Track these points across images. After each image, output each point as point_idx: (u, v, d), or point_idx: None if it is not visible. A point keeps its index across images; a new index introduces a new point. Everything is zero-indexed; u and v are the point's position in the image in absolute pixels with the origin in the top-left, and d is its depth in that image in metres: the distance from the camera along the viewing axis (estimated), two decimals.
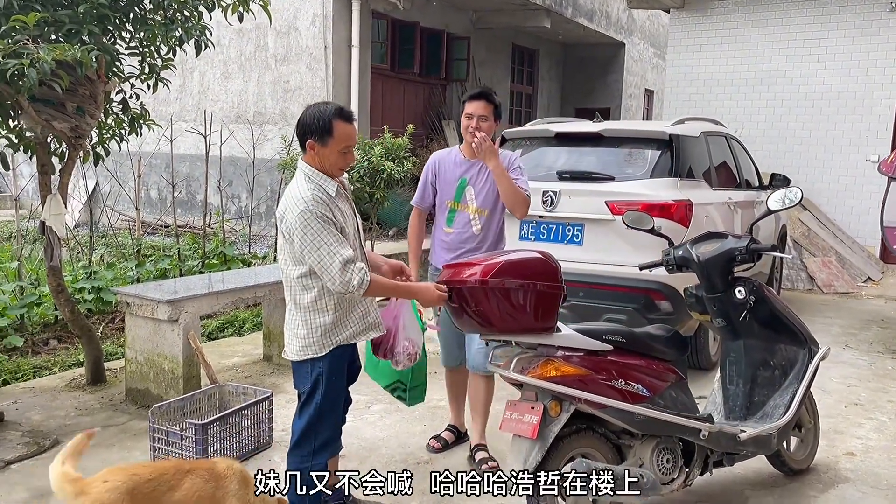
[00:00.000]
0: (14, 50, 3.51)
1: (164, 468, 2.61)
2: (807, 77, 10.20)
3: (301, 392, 2.89)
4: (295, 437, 2.88)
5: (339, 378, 2.87)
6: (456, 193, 3.76)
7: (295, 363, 2.87)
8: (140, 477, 2.48)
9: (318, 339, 2.80)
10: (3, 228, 10.21)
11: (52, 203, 4.45)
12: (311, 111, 2.76)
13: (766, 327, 3.43)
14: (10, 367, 5.17)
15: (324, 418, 2.84)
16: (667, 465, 3.03)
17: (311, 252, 2.65)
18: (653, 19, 18.55)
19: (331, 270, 2.64)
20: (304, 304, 2.79)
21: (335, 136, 2.73)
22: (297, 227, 2.65)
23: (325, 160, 2.76)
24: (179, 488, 2.52)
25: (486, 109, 3.66)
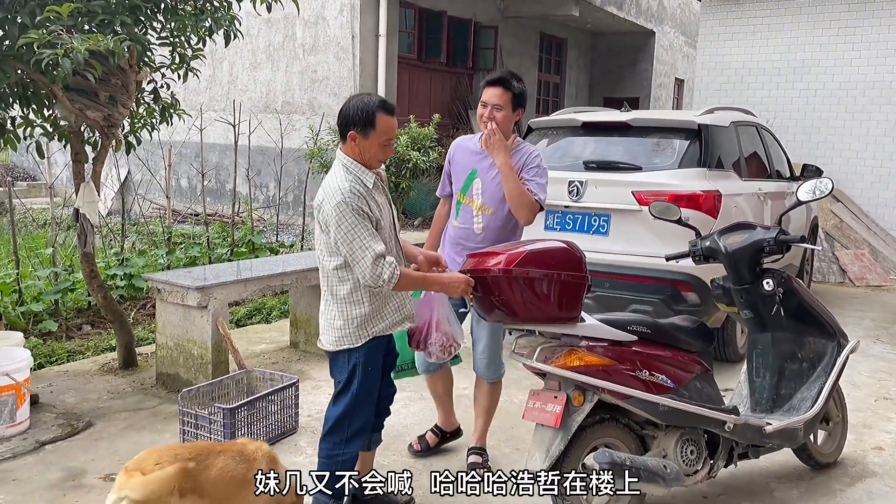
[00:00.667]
0: (48, 40, 3.58)
1: (199, 448, 2.67)
2: (841, 66, 9.99)
3: (337, 381, 2.90)
4: (328, 425, 2.89)
5: (375, 369, 2.88)
6: (464, 184, 3.52)
7: (331, 353, 2.88)
8: (182, 455, 2.55)
9: (355, 331, 2.80)
10: (38, 216, 10.42)
11: (85, 191, 4.54)
12: (354, 102, 2.76)
13: (795, 319, 3.39)
14: (45, 352, 5.29)
15: (358, 408, 2.85)
16: (691, 457, 3.02)
17: (345, 244, 2.67)
18: (684, 7, 18.28)
19: (363, 264, 2.65)
20: (341, 296, 2.80)
21: (377, 129, 2.73)
22: (333, 219, 2.67)
23: (365, 152, 2.77)
24: (213, 467, 2.57)
25: (501, 97, 3.35)
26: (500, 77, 3.39)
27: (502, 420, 4.28)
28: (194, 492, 2.47)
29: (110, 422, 4.13)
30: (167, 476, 2.40)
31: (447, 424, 3.88)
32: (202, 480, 2.54)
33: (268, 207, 11.15)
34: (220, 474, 2.58)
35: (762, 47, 10.52)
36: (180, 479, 2.43)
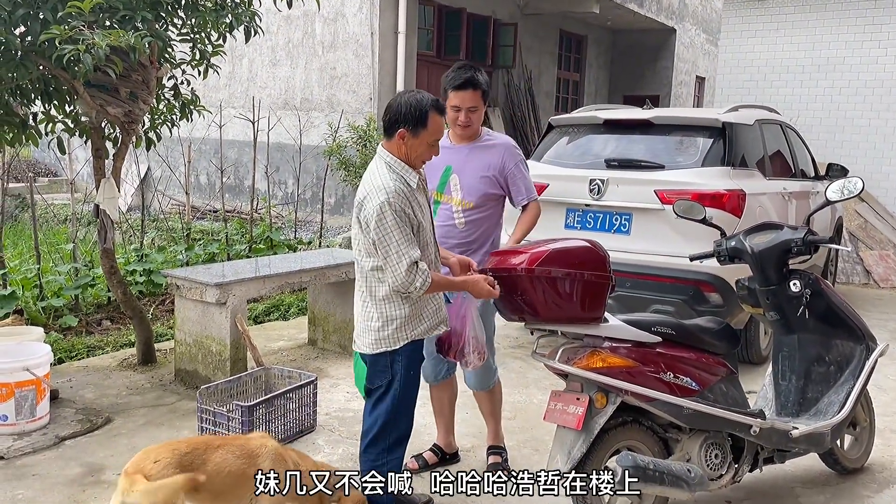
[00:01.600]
0: (70, 36, 3.58)
1: (197, 443, 2.64)
2: (867, 64, 9.83)
3: (376, 387, 2.81)
4: (370, 435, 2.80)
5: (417, 371, 2.82)
6: (440, 182, 3.35)
7: (370, 357, 2.79)
8: (180, 450, 2.54)
9: (393, 333, 2.73)
10: (58, 211, 10.51)
11: (105, 187, 4.55)
12: (407, 99, 2.69)
13: (822, 322, 3.32)
14: (65, 346, 5.32)
15: (399, 414, 2.79)
16: (715, 461, 2.97)
17: (381, 246, 2.61)
18: (705, 4, 18.09)
19: (397, 269, 2.60)
20: (380, 297, 2.73)
21: (429, 128, 2.68)
22: (374, 218, 2.59)
23: (412, 151, 2.70)
24: (210, 462, 2.54)
25: (474, 99, 3.23)
26: (470, 78, 3.22)
27: (521, 421, 4.24)
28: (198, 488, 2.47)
29: (129, 418, 4.14)
30: (175, 485, 2.36)
31: (448, 445, 3.73)
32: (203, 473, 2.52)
33: (286, 204, 11.17)
34: (217, 468, 2.55)
35: (786, 45, 10.38)
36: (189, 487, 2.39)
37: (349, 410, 4.32)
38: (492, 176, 3.32)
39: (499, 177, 3.34)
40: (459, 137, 3.37)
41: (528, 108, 13.61)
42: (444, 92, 3.26)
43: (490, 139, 3.40)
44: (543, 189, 5.33)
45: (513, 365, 5.21)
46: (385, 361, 2.77)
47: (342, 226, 10.20)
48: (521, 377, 4.97)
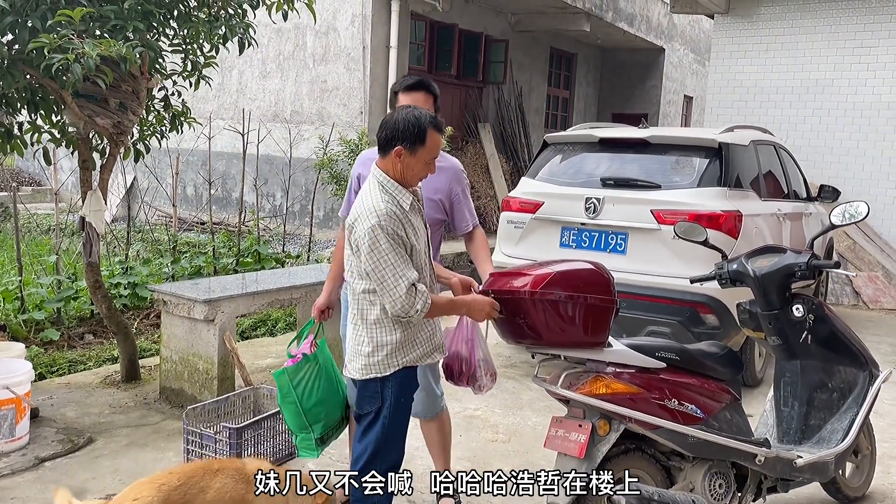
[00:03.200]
0: (59, 45, 3.49)
1: (192, 471, 2.55)
2: (855, 86, 9.90)
3: (365, 413, 2.71)
4: (360, 463, 2.69)
5: (408, 399, 2.72)
6: None
7: (359, 382, 2.70)
8: (169, 485, 2.42)
9: (384, 359, 2.63)
10: (41, 221, 10.33)
11: (92, 199, 4.44)
12: (404, 115, 2.58)
13: (825, 347, 3.27)
14: (46, 361, 5.18)
15: (390, 443, 2.68)
16: (719, 491, 2.89)
17: (375, 271, 2.49)
18: (693, 24, 18.26)
19: (394, 293, 2.48)
20: (371, 320, 2.63)
21: (427, 146, 2.58)
22: (365, 242, 2.49)
23: (407, 169, 2.59)
24: (210, 489, 2.47)
25: (426, 101, 3.06)
26: (421, 80, 3.08)
27: (517, 444, 4.16)
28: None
29: (112, 438, 4.00)
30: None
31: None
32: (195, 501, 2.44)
33: (274, 217, 11.06)
34: (218, 495, 2.48)
35: (775, 66, 10.43)
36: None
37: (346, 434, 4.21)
38: (438, 200, 3.18)
39: (444, 201, 3.21)
40: None
41: (518, 124, 13.61)
42: (393, 96, 3.11)
43: (439, 161, 3.13)
44: (538, 206, 5.29)
45: (506, 385, 5.12)
46: (375, 387, 2.66)
47: (331, 239, 10.10)
48: (515, 398, 4.89)
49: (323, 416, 3.32)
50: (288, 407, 3.22)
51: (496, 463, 3.89)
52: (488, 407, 4.68)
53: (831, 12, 9.98)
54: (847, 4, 9.85)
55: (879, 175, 9.81)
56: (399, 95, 3.10)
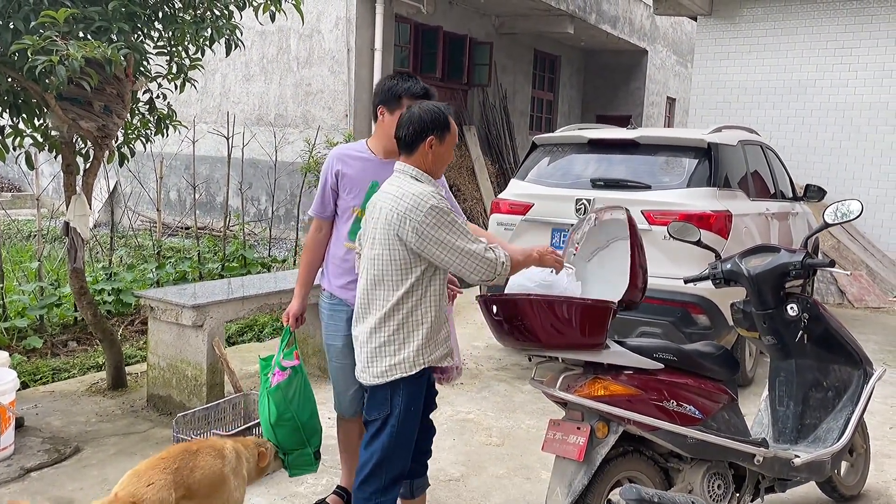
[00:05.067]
0: (43, 46, 3.41)
1: (178, 453, 2.61)
2: (837, 87, 10.00)
3: (373, 419, 2.67)
4: (364, 472, 2.65)
5: (417, 407, 2.67)
6: (365, 199, 2.97)
7: (370, 388, 2.66)
8: (170, 468, 2.50)
9: (410, 357, 2.58)
10: (22, 227, 10.17)
11: (76, 204, 4.36)
12: (424, 108, 2.63)
13: (820, 346, 3.27)
14: (30, 369, 5.08)
15: (397, 451, 2.64)
16: (718, 492, 2.88)
17: (449, 244, 2.48)
18: (676, 27, 18.37)
19: (475, 258, 2.49)
20: (399, 318, 2.58)
21: (451, 132, 2.67)
22: (430, 222, 2.47)
23: (437, 158, 2.65)
24: (197, 468, 2.57)
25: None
26: (428, 90, 3.00)
27: (510, 447, 4.13)
28: (186, 497, 2.51)
29: (99, 447, 3.93)
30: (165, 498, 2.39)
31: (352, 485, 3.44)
32: (191, 483, 2.54)
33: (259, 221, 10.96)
34: (204, 473, 2.59)
35: (758, 67, 10.52)
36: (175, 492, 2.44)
37: (331, 438, 4.13)
38: None
39: None
40: (388, 151, 3.00)
41: (503, 126, 13.61)
42: (394, 99, 2.95)
43: None
44: (528, 208, 5.28)
45: (498, 388, 5.10)
46: (385, 394, 2.62)
47: None
48: (507, 401, 4.86)
49: (318, 428, 3.28)
50: (284, 425, 3.14)
51: (490, 466, 3.86)
52: (481, 410, 4.65)
53: (813, 14, 10.08)
54: (828, 6, 9.95)
55: (862, 174, 9.91)
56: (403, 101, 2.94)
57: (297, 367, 3.19)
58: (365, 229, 2.73)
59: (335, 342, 3.16)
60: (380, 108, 3.00)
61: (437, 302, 2.62)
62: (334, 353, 3.18)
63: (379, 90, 3.02)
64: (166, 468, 2.48)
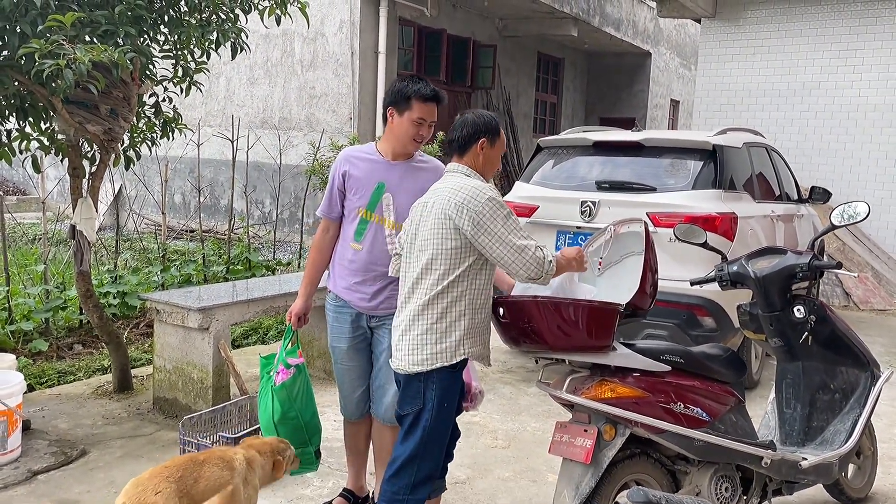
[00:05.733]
0: (50, 50, 3.43)
1: (184, 463, 2.60)
2: (842, 88, 9.99)
3: (405, 414, 2.69)
4: (394, 466, 2.68)
5: (451, 404, 2.69)
6: (370, 201, 3.02)
7: (403, 379, 2.69)
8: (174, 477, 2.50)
9: (451, 346, 2.61)
10: (27, 231, 10.20)
11: (82, 207, 4.37)
12: (479, 113, 2.79)
13: (827, 348, 3.26)
14: (35, 372, 5.09)
15: (429, 447, 2.66)
16: (725, 494, 2.87)
17: (503, 236, 2.54)
18: (679, 29, 18.37)
19: (526, 253, 2.53)
20: (443, 306, 2.61)
21: (500, 138, 2.81)
22: (486, 213, 2.55)
23: (487, 161, 2.76)
24: (202, 479, 2.56)
25: (436, 113, 3.02)
26: (438, 92, 3.00)
27: (516, 450, 4.12)
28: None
29: (105, 449, 3.93)
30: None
31: (359, 489, 3.40)
32: (194, 494, 2.52)
33: (263, 224, 10.98)
34: (209, 484, 2.57)
35: (762, 69, 10.51)
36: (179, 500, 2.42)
37: (337, 440, 4.15)
38: None
39: None
40: (397, 154, 3.04)
41: (506, 129, 13.63)
42: (403, 100, 2.94)
43: (423, 160, 3.13)
44: (534, 210, 5.28)
45: (503, 391, 5.09)
46: (418, 386, 2.64)
47: None
48: (512, 403, 4.86)
49: (319, 427, 3.29)
50: (287, 423, 3.15)
51: (496, 469, 3.86)
52: (486, 413, 4.65)
53: (817, 16, 10.07)
54: (832, 8, 9.94)
55: (867, 176, 9.89)
56: (413, 103, 2.95)
57: (301, 367, 3.20)
58: (407, 229, 2.78)
59: (340, 344, 3.17)
60: (389, 110, 3.02)
61: (482, 296, 2.67)
62: (339, 356, 3.19)
63: (389, 92, 3.05)
64: (170, 476, 2.47)
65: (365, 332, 3.13)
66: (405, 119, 2.96)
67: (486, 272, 2.67)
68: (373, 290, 3.04)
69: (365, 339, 3.14)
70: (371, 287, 3.04)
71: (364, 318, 3.10)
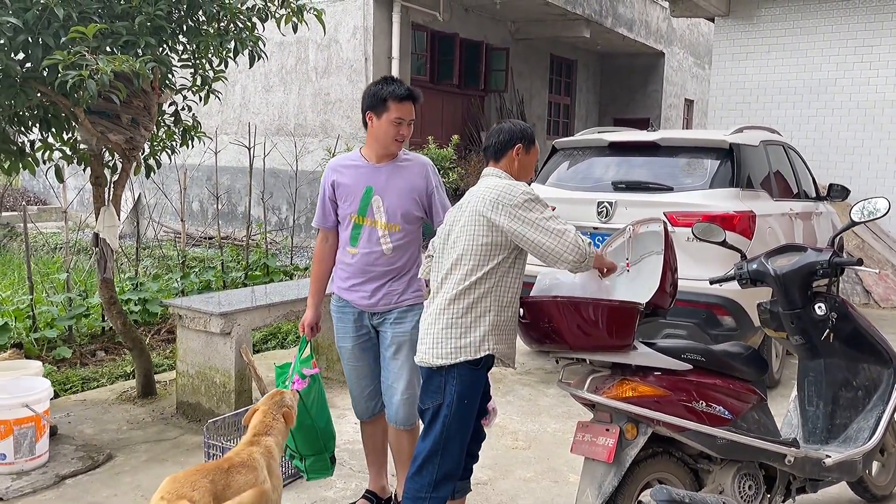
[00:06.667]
0: (73, 61, 3.49)
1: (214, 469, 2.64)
2: (858, 85, 9.91)
3: (426, 408, 2.73)
4: (415, 464, 2.72)
5: (472, 400, 2.71)
6: (360, 205, 3.08)
7: (427, 374, 2.73)
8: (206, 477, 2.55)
9: (476, 341, 2.64)
10: (49, 240, 10.33)
11: (105, 215, 4.44)
12: (515, 122, 2.86)
13: (849, 345, 3.25)
14: (60, 379, 5.16)
15: (449, 444, 2.68)
16: (749, 492, 2.87)
17: (542, 223, 2.57)
18: (692, 28, 18.30)
19: (568, 237, 2.55)
20: (469, 301, 2.64)
21: (535, 147, 2.88)
22: (525, 206, 2.60)
23: (522, 167, 2.83)
24: (231, 486, 2.59)
25: (413, 112, 3.07)
26: (412, 91, 3.05)
27: (537, 450, 4.13)
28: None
29: (131, 454, 3.99)
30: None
31: (381, 490, 3.44)
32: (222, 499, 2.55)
33: (280, 230, 11.06)
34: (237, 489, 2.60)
35: (778, 66, 10.45)
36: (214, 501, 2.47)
37: (357, 443, 4.17)
38: (417, 197, 3.11)
39: (423, 198, 3.13)
40: (380, 156, 3.10)
41: None
42: (380, 103, 3.00)
43: (407, 157, 3.18)
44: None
45: (522, 392, 5.10)
46: (439, 381, 2.68)
47: None
48: (532, 405, 4.87)
49: (333, 434, 3.33)
50: (304, 431, 3.21)
51: (518, 470, 3.87)
52: (506, 414, 4.66)
53: (832, 12, 10.00)
54: (847, 4, 9.88)
55: (885, 173, 9.80)
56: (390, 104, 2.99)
57: (316, 376, 3.26)
58: (441, 231, 2.84)
59: (345, 343, 3.24)
60: (368, 114, 3.07)
61: (508, 294, 2.69)
62: (346, 355, 3.27)
63: (365, 97, 3.10)
64: (205, 476, 2.54)
65: (369, 331, 3.19)
66: (384, 121, 3.02)
67: (515, 271, 2.70)
68: (372, 288, 3.10)
69: (370, 338, 3.20)
70: (370, 285, 3.11)
71: (366, 317, 3.17)
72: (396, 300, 3.11)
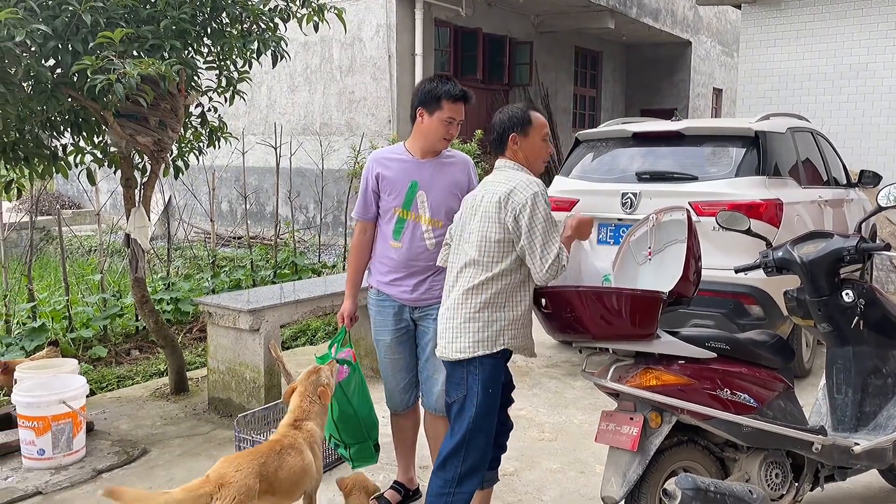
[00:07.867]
0: (101, 66, 3.58)
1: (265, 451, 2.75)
2: (891, 69, 9.71)
3: (452, 402, 2.76)
4: (442, 455, 2.74)
5: (495, 390, 2.74)
6: (405, 199, 3.10)
7: (449, 367, 2.76)
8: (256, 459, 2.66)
9: (493, 335, 2.67)
10: (83, 242, 10.56)
11: (136, 216, 4.54)
12: (503, 111, 2.83)
13: (878, 332, 3.20)
14: (96, 377, 5.29)
15: (475, 436, 2.70)
16: (776, 481, 2.85)
17: (535, 235, 2.60)
18: (720, 16, 18.06)
19: (547, 257, 2.58)
20: (485, 297, 2.67)
21: (534, 125, 2.79)
22: (527, 209, 2.61)
23: (527, 152, 2.80)
24: (282, 468, 2.71)
25: (464, 114, 3.10)
26: (466, 92, 3.07)
27: (563, 442, 4.14)
28: (268, 492, 2.64)
29: (165, 448, 4.08)
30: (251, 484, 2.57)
31: (409, 481, 3.48)
32: (274, 481, 2.67)
33: (308, 228, 11.17)
34: (288, 474, 2.73)
35: (807, 52, 10.28)
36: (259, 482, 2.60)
37: (385, 436, 4.22)
38: (458, 194, 3.11)
39: (464, 194, 3.09)
40: (426, 152, 3.13)
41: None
42: (434, 101, 3.02)
43: (450, 154, 3.21)
44: (574, 204, 5.28)
45: (549, 385, 5.11)
46: (462, 373, 2.71)
47: None
48: (558, 397, 4.87)
49: (376, 421, 3.38)
50: (346, 420, 3.27)
51: (544, 461, 3.89)
52: (533, 406, 4.67)
53: None
54: None
55: None
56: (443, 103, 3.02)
57: (355, 366, 3.31)
58: (457, 220, 2.87)
59: (384, 337, 3.26)
60: (419, 110, 3.09)
61: (523, 288, 2.71)
62: (383, 349, 3.28)
63: (418, 92, 3.12)
64: (254, 459, 2.65)
65: (408, 325, 3.21)
66: (435, 119, 3.04)
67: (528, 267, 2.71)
68: (414, 283, 3.13)
69: (408, 331, 3.22)
70: (412, 280, 3.13)
71: (407, 310, 3.19)
72: (439, 294, 3.08)
